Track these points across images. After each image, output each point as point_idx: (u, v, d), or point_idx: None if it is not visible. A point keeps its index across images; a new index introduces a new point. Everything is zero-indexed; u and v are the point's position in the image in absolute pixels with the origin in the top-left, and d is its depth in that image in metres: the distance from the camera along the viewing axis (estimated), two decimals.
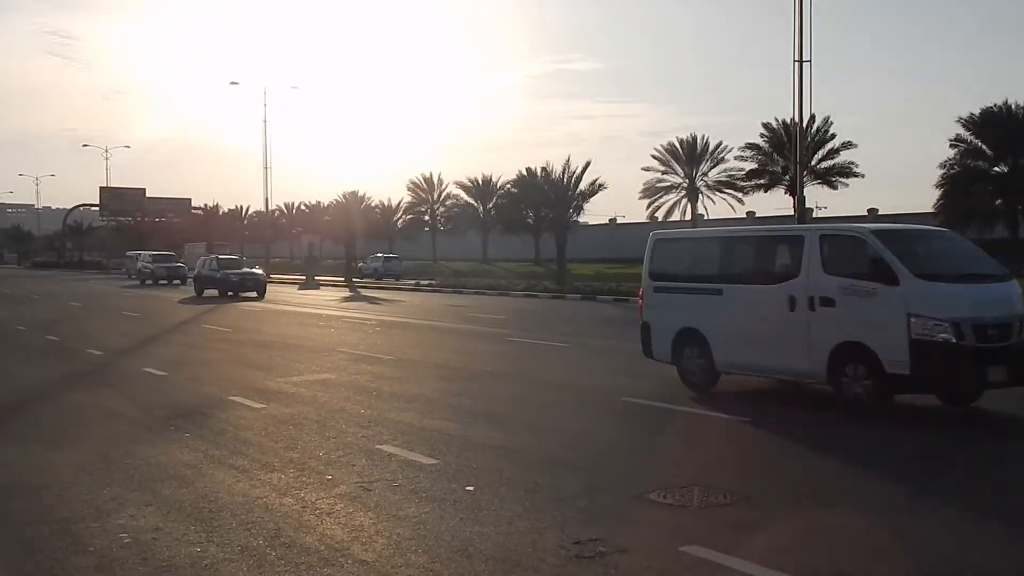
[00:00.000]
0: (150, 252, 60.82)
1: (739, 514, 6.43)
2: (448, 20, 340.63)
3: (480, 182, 77.90)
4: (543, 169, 46.76)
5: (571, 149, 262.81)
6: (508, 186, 59.02)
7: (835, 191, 48.18)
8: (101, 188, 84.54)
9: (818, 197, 70.99)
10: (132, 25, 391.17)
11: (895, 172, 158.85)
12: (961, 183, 41.61)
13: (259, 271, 42.68)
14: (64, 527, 6.39)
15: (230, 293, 39.25)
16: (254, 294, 38.98)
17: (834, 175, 47.42)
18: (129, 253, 67.48)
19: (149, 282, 53.00)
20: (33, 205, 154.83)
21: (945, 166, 42.19)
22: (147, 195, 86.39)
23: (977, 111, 42.13)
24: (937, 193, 42.50)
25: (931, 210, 42.48)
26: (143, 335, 21.72)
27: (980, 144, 42.04)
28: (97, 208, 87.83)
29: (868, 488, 7.24)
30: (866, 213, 59.60)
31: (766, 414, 10.33)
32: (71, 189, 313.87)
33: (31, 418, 11.02)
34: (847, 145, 46.90)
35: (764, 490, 7.12)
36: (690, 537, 5.88)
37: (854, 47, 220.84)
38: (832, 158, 47.06)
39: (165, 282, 52.51)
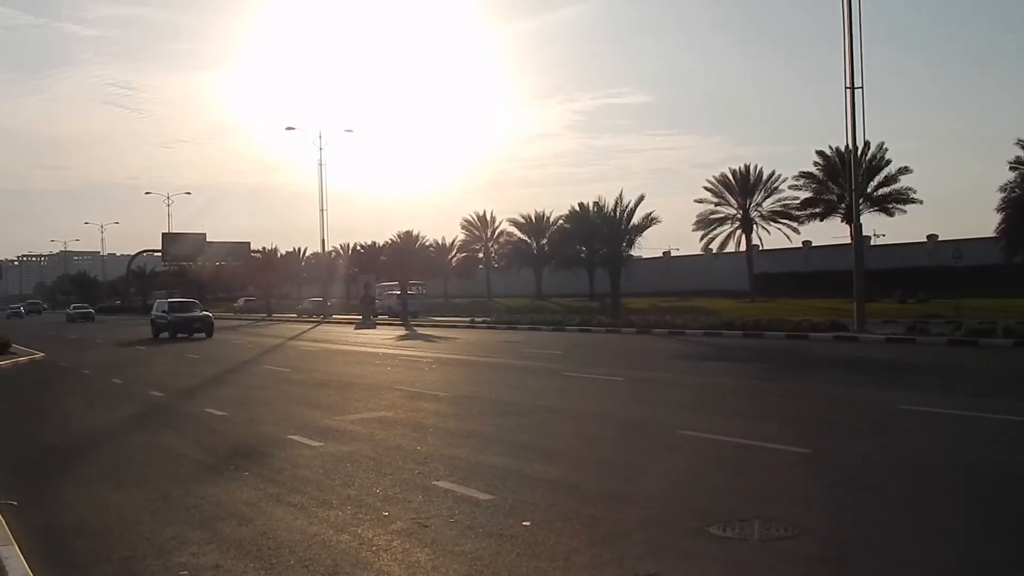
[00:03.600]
0: None
1: (800, 548, 6.28)
2: (497, 57, 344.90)
3: (533, 218, 78.30)
4: (595, 204, 46.77)
5: (622, 183, 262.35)
6: (561, 221, 59.15)
7: (892, 218, 47.36)
8: (163, 234, 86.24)
9: (875, 224, 69.89)
10: (188, 74, 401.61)
11: (954, 197, 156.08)
12: (1023, 206, 40.57)
13: None
14: (127, 566, 6.48)
15: None
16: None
17: (890, 202, 46.67)
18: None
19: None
20: (99, 252, 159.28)
21: (1005, 189, 41.23)
22: (207, 239, 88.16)
23: None
24: (998, 217, 41.56)
25: (993, 234, 41.50)
26: (204, 376, 22.13)
27: None
28: (159, 254, 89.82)
29: None
30: (925, 240, 58.42)
31: (832, 445, 10.13)
32: (134, 236, 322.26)
33: (95, 459, 11.25)
34: (903, 171, 46.20)
35: (826, 524, 6.95)
36: (750, 572, 5.75)
37: (907, 72, 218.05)
38: (888, 184, 46.35)
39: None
